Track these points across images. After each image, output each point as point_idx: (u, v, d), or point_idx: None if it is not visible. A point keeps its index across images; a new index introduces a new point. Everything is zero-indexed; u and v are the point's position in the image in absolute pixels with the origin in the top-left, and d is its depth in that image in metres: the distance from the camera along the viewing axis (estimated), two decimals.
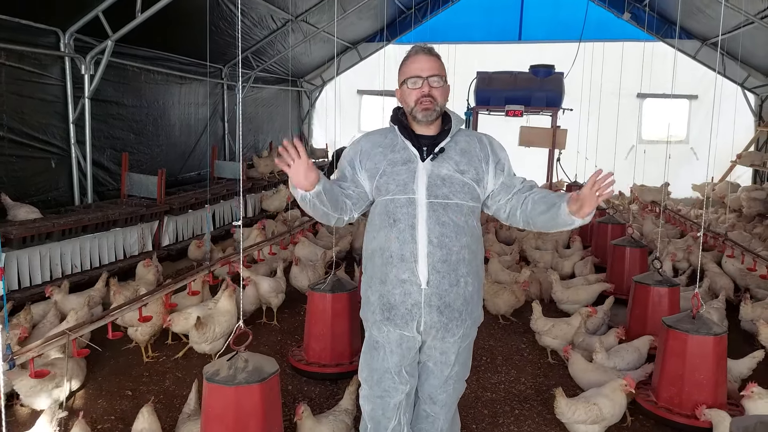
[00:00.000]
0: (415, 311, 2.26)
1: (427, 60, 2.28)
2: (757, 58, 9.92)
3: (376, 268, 2.34)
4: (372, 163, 2.32)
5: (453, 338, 2.33)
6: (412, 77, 2.27)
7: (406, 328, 2.29)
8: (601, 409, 3.17)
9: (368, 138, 2.41)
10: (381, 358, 2.40)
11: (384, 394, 2.42)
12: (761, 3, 7.77)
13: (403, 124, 2.34)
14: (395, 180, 2.27)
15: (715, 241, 6.53)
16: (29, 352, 3.16)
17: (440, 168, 2.27)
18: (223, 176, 8.77)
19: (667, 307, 4.29)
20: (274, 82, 11.53)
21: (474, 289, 2.34)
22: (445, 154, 2.29)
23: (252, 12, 8.51)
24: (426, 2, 11.88)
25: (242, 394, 2.46)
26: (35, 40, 5.67)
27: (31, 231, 4.90)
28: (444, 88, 2.30)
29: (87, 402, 3.65)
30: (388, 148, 2.33)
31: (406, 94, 2.30)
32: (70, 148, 6.23)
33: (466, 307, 2.31)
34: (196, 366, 4.13)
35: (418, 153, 2.30)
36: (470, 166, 2.30)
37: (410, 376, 2.42)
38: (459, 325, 2.31)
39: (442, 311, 2.27)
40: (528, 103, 10.30)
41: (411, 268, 2.24)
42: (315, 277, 5.30)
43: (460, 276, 2.27)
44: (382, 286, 2.31)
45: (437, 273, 2.24)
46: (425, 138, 2.32)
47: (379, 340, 2.39)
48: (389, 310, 2.30)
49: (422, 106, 2.25)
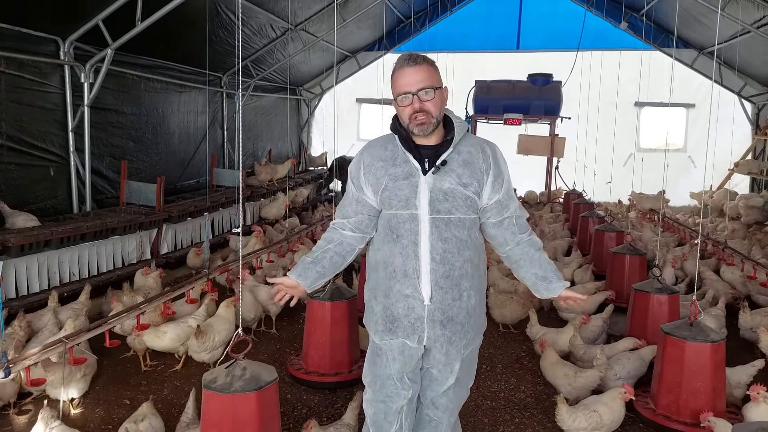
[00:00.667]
0: (417, 325, 2.27)
1: (414, 72, 2.18)
2: (754, 67, 9.98)
3: (380, 280, 2.34)
4: (374, 178, 2.28)
5: (456, 348, 2.34)
6: (401, 94, 2.19)
7: (409, 339, 2.31)
8: (601, 416, 3.18)
9: (369, 151, 2.34)
10: (383, 364, 2.40)
11: (386, 399, 2.43)
12: (757, 12, 7.83)
13: (402, 135, 2.27)
14: (397, 195, 2.23)
15: (714, 249, 6.54)
16: (26, 360, 3.14)
17: (442, 182, 2.21)
18: (222, 184, 8.77)
19: (667, 314, 4.28)
20: (274, 90, 11.56)
21: (476, 301, 2.34)
22: (448, 167, 2.22)
23: (252, 21, 8.55)
24: (425, 11, 11.96)
25: (238, 402, 2.45)
26: (35, 48, 5.69)
27: (29, 239, 4.88)
28: (438, 97, 2.20)
29: (85, 411, 3.62)
30: (389, 162, 2.27)
31: (400, 111, 2.24)
32: (69, 156, 6.23)
33: (468, 320, 2.32)
34: (195, 375, 4.11)
35: (419, 166, 2.23)
36: (473, 178, 2.23)
37: (412, 383, 2.42)
38: (462, 336, 2.32)
39: (445, 325, 2.27)
40: (526, 111, 10.36)
41: (414, 284, 2.24)
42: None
43: (463, 290, 2.27)
44: (386, 299, 2.32)
45: (440, 289, 2.24)
46: (426, 149, 2.25)
47: (382, 347, 2.39)
48: (392, 322, 2.31)
49: (416, 122, 2.18)
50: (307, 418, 3.59)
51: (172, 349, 4.17)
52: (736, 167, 10.35)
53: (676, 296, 4.44)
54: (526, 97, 10.31)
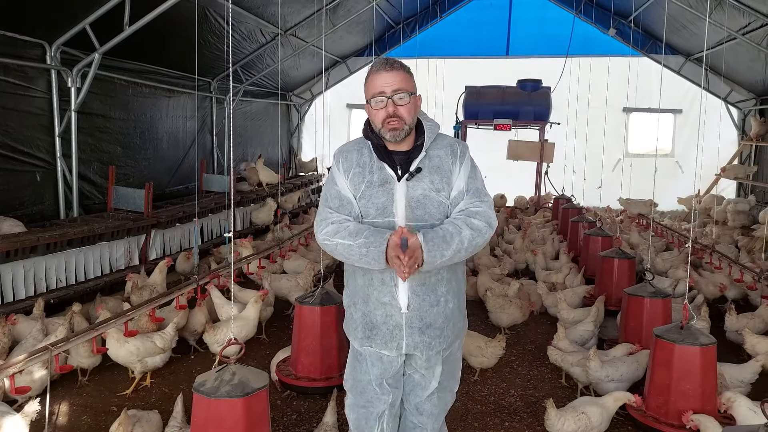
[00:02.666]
0: (396, 332, 2.27)
1: (390, 75, 2.15)
2: (740, 73, 10.10)
3: (358, 287, 2.34)
4: (353, 184, 2.25)
5: (436, 352, 2.33)
6: (376, 95, 2.16)
7: (386, 347, 2.29)
8: (590, 418, 3.19)
9: (345, 156, 2.30)
10: (364, 370, 2.41)
11: (367, 404, 2.43)
12: (743, 19, 7.93)
13: (374, 142, 2.25)
14: (374, 204, 2.21)
15: (702, 253, 6.59)
16: (10, 368, 3.09)
17: (416, 189, 2.20)
18: (212, 190, 8.72)
19: (661, 318, 4.30)
20: (264, 95, 11.55)
21: (455, 304, 2.33)
22: (421, 173, 2.20)
23: (241, 26, 8.54)
24: (415, 17, 12.00)
25: (223, 407, 2.42)
26: (21, 52, 5.64)
27: (15, 245, 4.82)
28: (411, 103, 2.17)
29: (71, 418, 3.58)
30: (366, 168, 2.24)
31: (372, 114, 2.20)
32: (55, 162, 6.17)
33: (447, 324, 2.31)
34: (183, 381, 4.07)
35: (394, 173, 2.21)
36: (443, 182, 2.21)
37: (393, 388, 2.41)
38: (442, 341, 2.31)
39: (424, 331, 2.27)
40: (516, 117, 10.39)
41: (391, 292, 2.24)
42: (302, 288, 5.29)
43: (440, 296, 2.27)
44: (364, 306, 2.32)
45: (417, 296, 2.24)
46: (398, 155, 2.23)
47: (362, 353, 2.40)
48: (371, 329, 2.30)
49: (389, 127, 2.15)
50: (296, 423, 3.58)
51: (127, 363, 3.92)
52: (723, 172, 10.45)
53: (669, 300, 4.47)
54: (515, 103, 10.35)
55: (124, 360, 3.89)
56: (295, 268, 5.96)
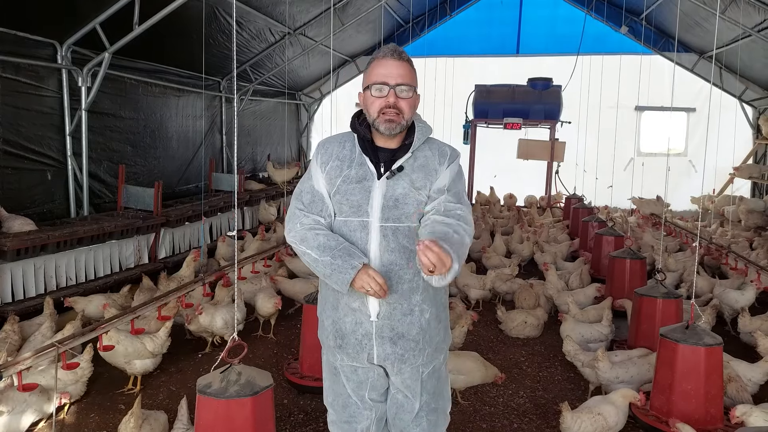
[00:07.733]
0: (365, 342, 2.11)
1: (397, 65, 2.02)
2: (755, 71, 9.96)
3: (328, 292, 2.18)
4: (328, 178, 2.10)
5: (412, 367, 2.16)
6: (378, 83, 2.02)
7: (357, 359, 2.14)
8: (606, 419, 3.14)
9: (326, 148, 2.15)
10: (342, 383, 2.25)
11: (350, 419, 2.26)
12: (758, 16, 7.81)
13: (360, 135, 2.11)
14: (348, 200, 2.06)
15: (718, 254, 6.51)
16: (18, 365, 3.11)
17: (395, 187, 2.05)
18: (221, 189, 8.74)
19: (674, 319, 4.23)
20: (273, 95, 11.56)
21: (432, 315, 2.14)
22: (402, 172, 2.06)
23: (250, 25, 8.54)
24: (424, 16, 11.96)
25: (233, 407, 2.40)
26: (32, 52, 5.67)
27: (26, 243, 4.85)
28: (413, 99, 2.05)
29: (79, 416, 3.59)
30: (345, 162, 2.09)
31: (369, 102, 2.05)
32: (66, 161, 6.20)
33: (423, 336, 2.12)
34: (190, 380, 4.06)
35: (375, 170, 2.07)
36: (426, 180, 2.07)
37: (375, 402, 2.24)
38: (417, 354, 2.13)
39: (396, 342, 2.10)
40: (526, 115, 10.31)
41: (361, 297, 2.07)
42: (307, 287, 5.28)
43: (414, 305, 2.09)
44: (334, 312, 2.16)
45: (388, 305, 2.07)
46: (384, 152, 2.09)
47: (336, 366, 2.24)
48: (341, 338, 2.14)
49: (386, 117, 2.01)
50: (303, 423, 3.56)
51: (114, 362, 3.82)
52: (737, 171, 10.31)
53: (680, 300, 4.41)
54: (525, 102, 10.28)
55: (111, 359, 3.80)
56: (300, 268, 5.95)
